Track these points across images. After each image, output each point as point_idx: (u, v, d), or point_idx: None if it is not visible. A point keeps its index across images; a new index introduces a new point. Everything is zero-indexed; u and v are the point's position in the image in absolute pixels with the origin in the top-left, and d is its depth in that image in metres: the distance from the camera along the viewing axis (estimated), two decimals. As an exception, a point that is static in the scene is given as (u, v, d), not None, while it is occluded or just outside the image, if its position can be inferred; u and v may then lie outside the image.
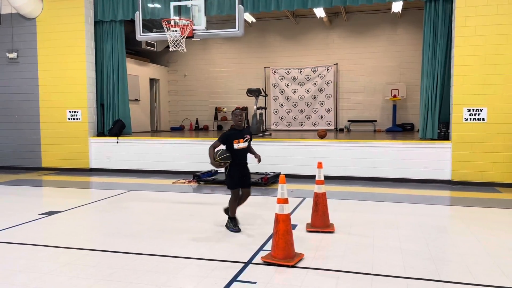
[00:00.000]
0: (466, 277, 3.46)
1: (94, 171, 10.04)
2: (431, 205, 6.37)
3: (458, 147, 7.91)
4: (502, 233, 4.77)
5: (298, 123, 14.23)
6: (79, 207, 6.24)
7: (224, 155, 4.66)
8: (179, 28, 7.85)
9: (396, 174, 8.29)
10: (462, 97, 7.86)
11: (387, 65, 13.62)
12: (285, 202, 3.78)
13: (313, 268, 3.67)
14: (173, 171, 9.45)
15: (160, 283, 3.37)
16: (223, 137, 4.79)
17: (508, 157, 7.67)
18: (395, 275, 3.49)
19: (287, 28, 14.47)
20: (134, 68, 13.60)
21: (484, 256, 3.98)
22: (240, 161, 4.80)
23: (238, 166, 4.78)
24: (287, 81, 14.30)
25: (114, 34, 10.19)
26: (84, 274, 3.57)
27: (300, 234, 4.69)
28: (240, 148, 4.76)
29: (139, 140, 9.99)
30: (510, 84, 7.59)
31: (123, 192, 7.41)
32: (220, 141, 4.78)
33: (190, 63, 15.62)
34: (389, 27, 13.57)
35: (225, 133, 4.85)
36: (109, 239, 4.63)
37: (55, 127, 10.19)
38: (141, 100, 14.16)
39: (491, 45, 7.66)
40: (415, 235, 4.68)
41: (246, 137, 4.82)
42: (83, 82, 9.97)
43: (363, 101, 13.92)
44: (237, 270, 3.62)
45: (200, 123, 15.60)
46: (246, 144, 4.81)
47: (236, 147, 4.73)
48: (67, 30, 9.95)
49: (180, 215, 5.76)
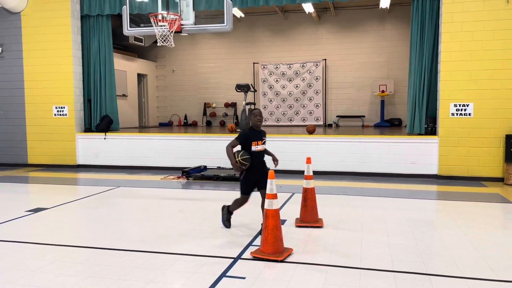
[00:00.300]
0: (452, 270, 3.51)
1: (82, 168, 9.94)
2: (418, 200, 6.44)
3: (445, 142, 8.00)
4: (488, 226, 4.84)
5: (287, 118, 14.25)
6: (66, 203, 6.17)
7: (246, 156, 4.33)
8: (167, 23, 7.78)
9: (384, 169, 8.36)
10: (449, 93, 7.94)
11: (375, 61, 13.69)
12: (274, 198, 3.79)
13: (302, 263, 3.69)
14: (162, 167, 9.40)
15: (148, 279, 3.36)
16: (242, 137, 4.42)
17: (493, 151, 7.78)
18: (383, 269, 3.53)
19: (276, 24, 14.44)
20: (122, 63, 13.47)
21: (470, 249, 4.04)
22: (257, 164, 4.48)
23: (255, 169, 4.44)
24: (276, 77, 14.30)
25: (101, 28, 10.08)
26: (71, 271, 3.53)
27: (289, 229, 4.70)
28: (259, 150, 4.46)
29: (127, 136, 9.91)
30: (495, 79, 7.69)
31: (111, 188, 7.35)
32: (239, 141, 4.41)
33: (179, 58, 15.52)
34: (377, 22, 13.63)
35: (245, 132, 4.47)
36: (97, 235, 4.60)
37: (41, 123, 10.07)
38: (129, 95, 14.04)
39: (478, 41, 7.74)
40: (402, 229, 4.73)
41: (264, 139, 4.53)
42: (70, 78, 9.84)
43: (351, 96, 13.98)
44: (226, 266, 3.62)
45: (189, 118, 15.53)
46: (264, 147, 4.52)
47: (254, 149, 4.41)
48: (53, 25, 9.81)
49: (168, 211, 5.73)
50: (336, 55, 13.92)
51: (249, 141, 4.40)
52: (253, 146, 4.40)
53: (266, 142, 4.59)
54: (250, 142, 4.40)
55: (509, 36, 7.59)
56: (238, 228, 4.78)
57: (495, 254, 3.89)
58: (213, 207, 5.93)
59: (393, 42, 13.48)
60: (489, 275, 3.41)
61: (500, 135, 7.72)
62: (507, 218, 5.53)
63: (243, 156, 4.32)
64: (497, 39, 7.65)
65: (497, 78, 7.68)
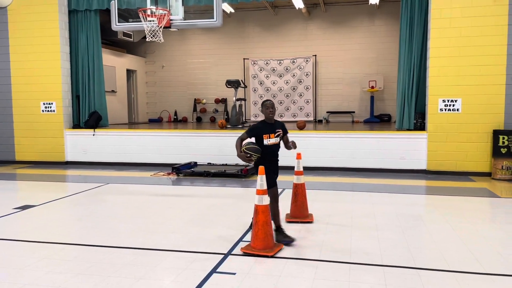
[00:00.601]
0: (440, 264, 3.55)
1: (70, 164, 9.85)
2: (407, 195, 6.50)
3: (433, 137, 8.07)
4: (476, 220, 4.90)
5: (278, 114, 14.24)
6: (55, 200, 6.11)
7: (252, 146, 4.10)
8: (156, 18, 7.72)
9: (374, 164, 8.41)
10: (438, 88, 8.00)
11: (365, 57, 13.73)
12: (264, 193, 3.79)
13: (292, 258, 3.70)
14: (152, 164, 9.35)
15: (138, 276, 3.35)
16: (251, 130, 4.23)
17: (481, 146, 7.87)
18: (373, 263, 3.55)
19: (266, 19, 14.41)
20: (111, 59, 13.34)
21: (458, 243, 4.09)
22: (271, 159, 4.23)
23: (269, 162, 4.19)
24: (266, 73, 14.29)
25: (89, 24, 9.96)
26: (61, 269, 3.50)
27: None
28: (271, 144, 4.18)
29: (116, 132, 9.84)
30: (483, 75, 7.77)
31: (100, 185, 7.30)
32: (248, 134, 4.20)
33: (168, 54, 15.41)
34: (367, 18, 13.67)
35: (254, 125, 4.28)
36: (86, 233, 4.56)
37: (29, 120, 9.94)
38: (118, 91, 13.92)
39: (466, 37, 7.81)
40: (392, 224, 4.77)
41: (278, 132, 4.23)
42: (58, 73, 9.73)
43: (341, 92, 14.02)
44: (217, 262, 3.62)
45: (179, 114, 15.45)
46: (277, 140, 4.22)
47: (266, 143, 4.15)
48: (40, 20, 9.67)
49: (158, 207, 5.71)
50: (326, 51, 13.94)
51: (260, 134, 4.16)
52: (264, 140, 4.14)
53: (283, 136, 4.30)
54: (261, 135, 4.15)
55: (497, 32, 7.66)
56: (228, 224, 4.77)
57: (482, 248, 3.95)
58: (204, 203, 5.93)
59: (382, 38, 13.53)
60: (476, 269, 3.45)
61: (487, 130, 7.81)
62: (494, 212, 5.61)
63: (248, 145, 4.08)
64: (485, 35, 7.72)
65: (484, 74, 7.76)
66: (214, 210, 5.46)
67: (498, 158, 7.59)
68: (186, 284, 3.19)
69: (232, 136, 9.08)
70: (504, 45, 7.65)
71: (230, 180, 7.68)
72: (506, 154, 7.51)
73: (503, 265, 3.52)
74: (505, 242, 4.15)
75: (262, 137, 4.15)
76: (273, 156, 4.26)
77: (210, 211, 5.44)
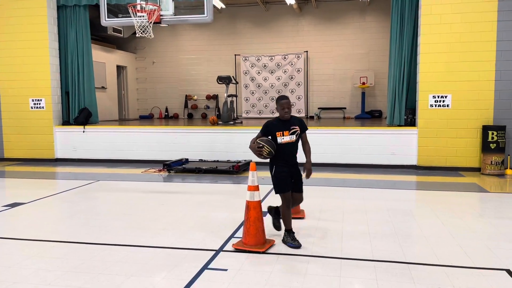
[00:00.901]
0: (430, 258, 3.58)
1: (60, 161, 9.76)
2: (398, 190, 6.54)
3: (424, 133, 8.12)
4: (465, 215, 4.95)
5: (269, 110, 14.24)
6: (44, 198, 6.05)
7: (266, 138, 3.84)
8: (146, 14, 7.66)
9: (365, 160, 8.45)
10: (428, 84, 8.05)
11: (356, 53, 13.77)
12: (255, 189, 3.79)
13: (283, 254, 3.71)
14: (143, 160, 9.30)
15: (129, 273, 3.33)
16: (264, 128, 3.95)
17: (471, 142, 7.94)
18: (363, 258, 3.57)
19: (257, 15, 14.37)
20: (100, 55, 13.21)
21: (448, 238, 4.13)
22: (287, 158, 3.90)
23: (285, 164, 3.90)
24: (258, 69, 14.26)
25: (78, 19, 9.85)
26: (50, 266, 3.47)
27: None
28: (285, 142, 3.85)
29: (106, 129, 9.77)
30: (473, 71, 7.83)
31: (90, 182, 7.24)
32: (262, 132, 3.94)
33: (159, 50, 15.32)
34: (358, 14, 13.70)
35: (268, 121, 4.00)
36: (77, 230, 4.53)
37: (18, 116, 9.83)
38: (108, 88, 13.80)
39: (456, 33, 7.85)
40: (382, 219, 4.79)
41: (293, 129, 3.88)
42: (46, 69, 9.62)
43: (333, 88, 14.05)
44: (208, 258, 3.61)
45: (170, 111, 15.38)
46: (293, 138, 3.87)
47: (280, 141, 3.84)
48: (28, 15, 9.54)
49: (150, 204, 5.68)
50: (317, 47, 13.95)
51: (272, 132, 3.87)
52: (278, 137, 3.85)
53: (300, 133, 3.93)
54: (274, 132, 3.86)
55: (486, 28, 7.72)
56: (219, 220, 4.77)
57: (471, 242, 3.98)
58: (195, 200, 5.92)
59: (373, 34, 13.57)
60: (466, 263, 3.49)
61: (477, 126, 7.88)
62: (484, 207, 5.67)
63: (262, 138, 3.85)
64: (474, 31, 7.77)
65: (474, 70, 7.82)
66: (206, 207, 5.45)
67: (487, 153, 7.67)
68: (177, 280, 3.18)
69: (223, 133, 9.07)
70: (493, 41, 7.72)
71: (221, 177, 7.67)
72: (495, 149, 7.59)
73: (492, 259, 3.56)
74: (494, 236, 4.19)
75: (275, 134, 3.85)
76: (289, 156, 3.90)
77: (202, 207, 5.43)
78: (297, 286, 3.07)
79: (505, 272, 3.30)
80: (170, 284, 3.13)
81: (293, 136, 3.87)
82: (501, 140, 7.58)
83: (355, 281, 3.14)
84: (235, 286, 3.08)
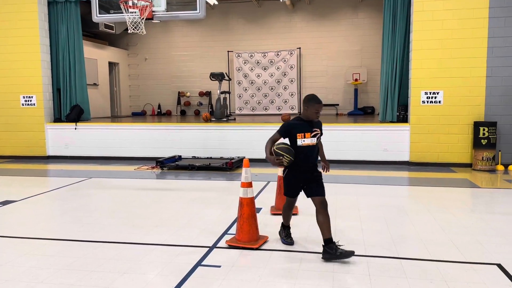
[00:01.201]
0: (423, 254, 3.61)
1: (52, 159, 9.69)
2: (390, 186, 6.58)
3: (416, 129, 8.17)
4: (457, 211, 4.99)
5: (262, 107, 14.24)
6: (36, 195, 6.01)
7: (284, 145, 3.53)
8: (138, 10, 7.62)
9: (358, 156, 8.48)
10: (420, 81, 8.09)
11: (349, 49, 13.79)
12: (249, 186, 3.79)
13: (277, 250, 3.72)
14: (135, 157, 9.26)
15: (122, 270, 3.32)
16: (283, 128, 3.61)
17: (462, 138, 8.00)
18: (356, 254, 3.58)
19: (250, 11, 14.33)
20: (92, 51, 13.12)
21: (439, 233, 4.16)
22: (305, 163, 3.59)
23: (301, 168, 3.60)
24: (251, 65, 14.24)
25: (70, 15, 9.76)
26: (43, 264, 3.45)
27: (265, 217, 4.73)
28: (305, 145, 3.54)
29: (98, 126, 9.71)
30: (464, 67, 7.88)
31: (83, 179, 7.20)
32: (281, 132, 3.60)
33: (151, 46, 15.23)
34: (351, 11, 13.71)
35: (288, 122, 3.67)
36: (69, 228, 4.50)
37: (8, 113, 9.73)
38: (100, 84, 13.71)
39: (448, 29, 7.89)
40: (375, 215, 4.82)
41: (315, 131, 3.59)
42: (37, 66, 9.53)
43: (325, 85, 14.07)
44: (202, 255, 3.61)
45: (163, 108, 15.31)
46: (314, 141, 3.58)
47: (300, 144, 3.52)
48: (19, 11, 9.44)
49: (143, 201, 5.66)
50: (310, 43, 13.95)
51: (293, 133, 3.54)
52: (298, 139, 3.52)
53: (319, 137, 3.64)
54: (294, 134, 3.53)
55: (478, 25, 7.77)
56: (213, 217, 4.76)
57: (463, 237, 4.02)
58: (188, 196, 5.91)
59: (366, 31, 13.60)
60: (457, 257, 3.52)
61: (468, 122, 7.94)
62: (475, 202, 5.72)
63: (279, 145, 3.54)
64: (466, 27, 7.82)
65: (465, 66, 7.87)
66: (199, 203, 5.44)
67: (479, 149, 7.73)
68: (171, 277, 3.18)
69: (216, 129, 9.05)
70: (484, 38, 7.77)
71: (215, 174, 7.66)
72: (486, 145, 7.65)
73: (483, 254, 3.60)
74: (485, 231, 4.23)
75: (295, 136, 3.53)
76: (304, 160, 3.57)
77: (195, 204, 5.42)
78: (290, 282, 3.08)
79: (496, 266, 3.33)
80: (163, 281, 3.13)
81: (314, 139, 3.57)
82: (492, 136, 7.64)
83: (348, 277, 3.16)
84: (229, 282, 3.08)
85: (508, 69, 7.77)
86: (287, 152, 3.49)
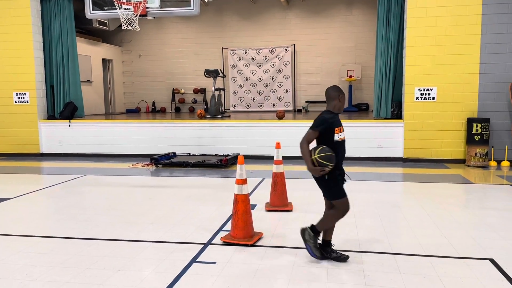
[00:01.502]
0: (416, 249, 3.63)
1: (45, 156, 9.64)
2: (384, 182, 6.61)
3: (410, 125, 8.20)
4: (450, 206, 5.03)
5: (257, 104, 14.23)
6: (30, 193, 5.98)
7: (325, 154, 3.19)
8: (132, 6, 7.58)
9: (352, 152, 8.48)
10: (414, 77, 8.12)
11: (343, 46, 13.80)
12: (243, 183, 3.79)
13: (272, 246, 3.73)
14: (130, 154, 9.23)
15: (117, 267, 3.31)
16: (322, 123, 3.26)
17: (455, 134, 8.05)
18: (351, 250, 3.61)
19: (244, 8, 14.29)
20: (86, 48, 13.03)
21: (433, 228, 4.19)
22: (342, 158, 3.42)
23: (339, 165, 3.41)
24: (245, 62, 14.21)
25: (63, 11, 9.69)
26: (36, 262, 3.44)
27: (260, 213, 4.74)
28: (341, 139, 3.34)
29: (92, 123, 9.66)
30: (457, 64, 7.92)
31: (77, 177, 7.17)
32: (320, 129, 3.26)
33: (145, 43, 15.15)
34: (345, 7, 13.71)
35: (323, 117, 3.30)
36: (63, 225, 4.49)
37: (1, 111, 9.67)
38: (94, 81, 13.63)
39: (441, 26, 7.92)
40: (369, 211, 4.85)
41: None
42: (31, 63, 9.46)
43: (320, 81, 14.08)
44: (197, 252, 3.61)
45: (157, 105, 15.26)
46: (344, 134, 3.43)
47: (337, 139, 3.28)
48: (11, 7, 9.35)
49: (137, 198, 5.65)
50: (304, 40, 13.94)
51: (332, 127, 3.25)
52: (336, 134, 3.26)
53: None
54: (333, 128, 3.25)
55: (471, 22, 7.80)
56: (208, 214, 4.77)
57: (456, 233, 4.05)
58: (183, 193, 5.90)
59: (360, 28, 13.61)
60: (450, 253, 3.55)
61: (461, 118, 7.99)
62: (468, 198, 5.76)
63: (322, 153, 3.18)
64: (459, 24, 7.85)
65: (459, 63, 7.91)
66: (194, 200, 5.44)
67: (472, 145, 7.78)
68: (165, 274, 3.18)
69: (211, 126, 9.04)
70: (478, 35, 7.81)
71: (209, 170, 7.66)
72: (479, 141, 7.71)
73: (476, 249, 3.63)
74: (478, 226, 4.27)
75: (334, 130, 3.25)
76: (342, 157, 3.41)
77: (190, 201, 5.42)
78: (285, 278, 3.10)
79: (489, 261, 3.37)
80: (158, 277, 3.13)
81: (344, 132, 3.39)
82: (485, 132, 7.70)
83: (342, 272, 3.18)
84: (224, 279, 3.09)
85: (501, 65, 7.82)
86: (330, 160, 3.20)
